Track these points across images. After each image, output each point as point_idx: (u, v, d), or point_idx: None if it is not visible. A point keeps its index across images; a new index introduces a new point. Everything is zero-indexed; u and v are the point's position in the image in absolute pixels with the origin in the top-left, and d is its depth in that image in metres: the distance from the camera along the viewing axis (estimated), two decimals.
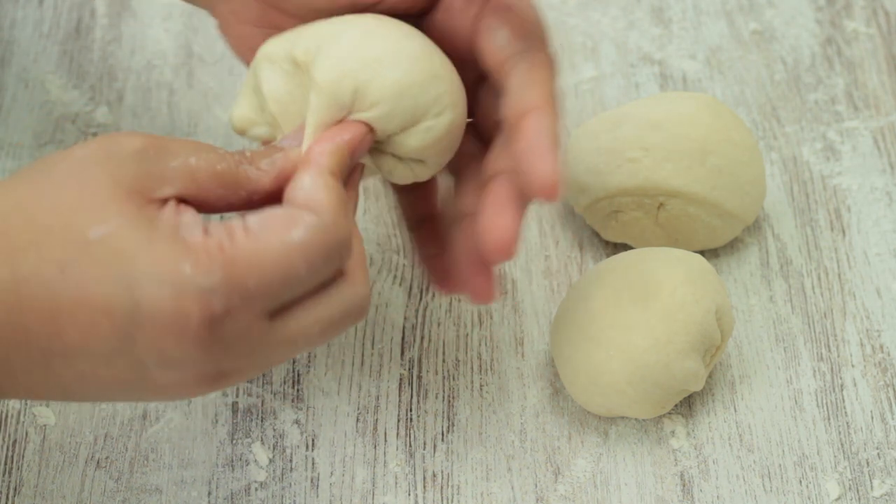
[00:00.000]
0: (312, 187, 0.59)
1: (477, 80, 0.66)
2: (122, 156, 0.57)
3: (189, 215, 0.57)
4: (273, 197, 0.60)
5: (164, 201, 0.57)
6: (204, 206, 0.59)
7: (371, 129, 0.62)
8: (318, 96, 0.62)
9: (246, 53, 0.67)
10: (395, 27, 0.64)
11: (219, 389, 0.59)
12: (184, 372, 0.57)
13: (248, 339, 0.57)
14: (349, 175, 0.63)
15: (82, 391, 0.58)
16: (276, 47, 0.64)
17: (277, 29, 0.66)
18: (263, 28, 0.67)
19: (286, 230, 0.57)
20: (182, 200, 0.58)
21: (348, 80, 0.62)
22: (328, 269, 0.58)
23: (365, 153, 0.63)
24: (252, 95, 0.65)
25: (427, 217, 0.70)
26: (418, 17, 0.66)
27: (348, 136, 0.61)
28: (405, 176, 0.65)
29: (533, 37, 0.64)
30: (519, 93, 0.62)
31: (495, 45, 0.64)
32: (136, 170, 0.57)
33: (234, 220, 0.57)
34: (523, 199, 0.63)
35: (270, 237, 0.56)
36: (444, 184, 0.70)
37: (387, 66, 0.62)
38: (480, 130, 0.68)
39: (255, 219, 0.57)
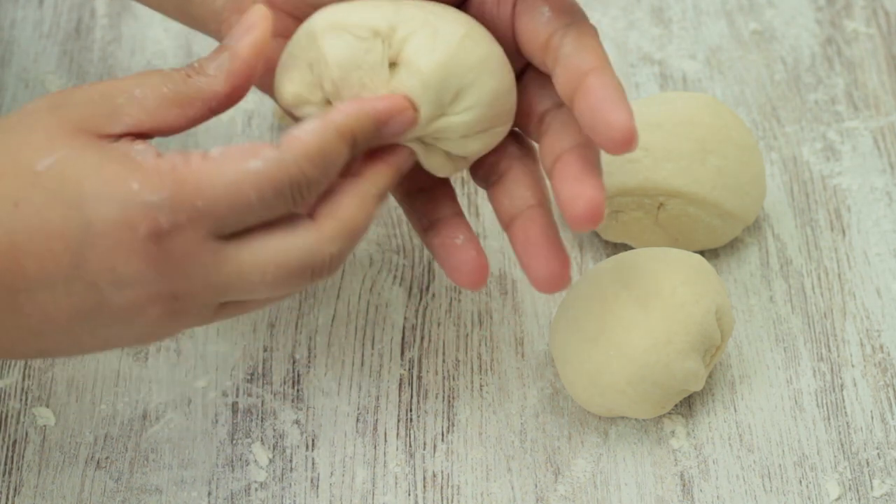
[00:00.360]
0: (304, 131, 0.59)
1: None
2: (70, 103, 0.59)
3: (142, 143, 0.58)
4: (231, 98, 0.61)
5: (118, 137, 0.59)
6: (165, 130, 0.60)
7: (416, 114, 0.62)
8: (426, 90, 0.61)
9: None
10: (479, 26, 0.64)
11: (180, 322, 0.60)
12: (136, 290, 0.58)
13: (198, 260, 0.58)
14: (388, 152, 0.62)
15: (49, 329, 0.59)
16: (347, 16, 0.62)
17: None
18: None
19: (243, 159, 0.58)
20: (140, 135, 0.59)
21: (455, 80, 0.61)
22: (280, 204, 0.59)
23: (406, 135, 0.62)
24: (305, 70, 0.63)
25: (442, 218, 0.69)
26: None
27: (382, 106, 0.61)
28: (445, 169, 0.65)
29: (574, 10, 0.64)
30: (575, 59, 0.62)
31: (539, 23, 0.64)
32: (83, 111, 0.59)
33: (195, 150, 0.58)
34: (598, 167, 0.63)
35: (226, 163, 0.58)
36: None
37: (487, 73, 0.62)
38: (520, 132, 0.67)
39: (218, 149, 0.58)
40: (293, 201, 0.59)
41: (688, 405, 0.73)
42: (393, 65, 0.62)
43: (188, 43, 0.88)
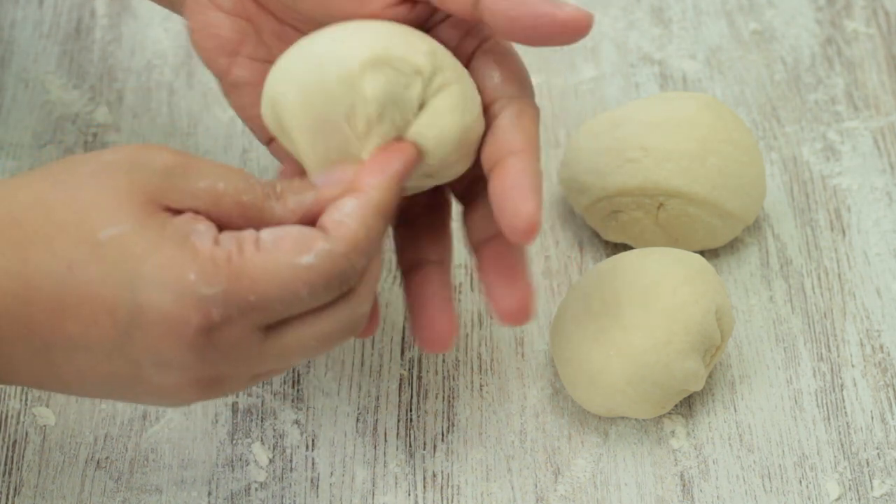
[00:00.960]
0: (348, 216, 0.59)
1: None
2: (150, 167, 0.58)
3: (203, 224, 0.57)
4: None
5: (181, 212, 0.58)
6: (221, 228, 0.59)
7: (420, 155, 0.61)
8: (439, 147, 0.61)
9: (210, 47, 0.67)
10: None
11: (213, 397, 0.60)
12: (178, 375, 0.58)
13: (243, 349, 0.58)
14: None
15: (80, 385, 0.60)
16: (387, 49, 0.60)
17: (251, 22, 0.66)
18: (237, 18, 0.66)
19: (296, 252, 0.57)
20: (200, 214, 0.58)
21: (465, 147, 0.62)
22: (329, 295, 0.58)
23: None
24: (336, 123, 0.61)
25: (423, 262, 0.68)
26: None
27: (400, 165, 0.61)
28: (414, 188, 0.65)
29: (523, 85, 0.64)
30: (504, 135, 0.62)
31: (487, 85, 0.64)
32: (160, 183, 0.58)
33: (247, 232, 0.57)
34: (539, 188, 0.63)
35: (279, 256, 0.57)
36: None
37: (471, 113, 0.62)
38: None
39: (269, 235, 0.58)
40: (339, 291, 0.59)
41: (688, 405, 0.73)
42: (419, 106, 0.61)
43: (188, 43, 0.88)
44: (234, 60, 0.67)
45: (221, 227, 0.58)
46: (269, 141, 0.68)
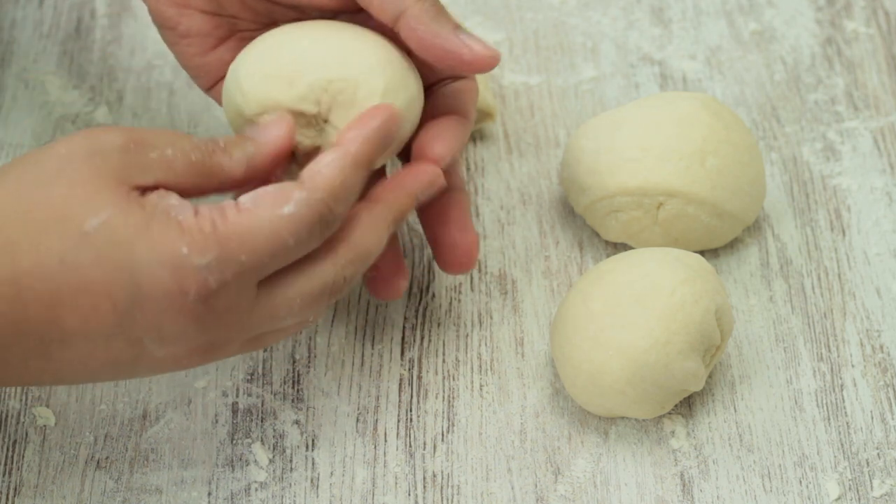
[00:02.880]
0: (325, 166, 0.62)
1: None
2: (106, 150, 0.60)
3: (175, 198, 0.60)
4: (243, 185, 0.63)
5: (146, 188, 0.60)
6: (182, 194, 0.61)
7: (398, 115, 0.66)
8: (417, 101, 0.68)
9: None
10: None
11: (207, 363, 0.63)
12: (179, 346, 0.60)
13: (238, 310, 0.61)
14: (410, 179, 0.67)
15: (78, 374, 0.61)
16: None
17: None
18: None
19: (276, 205, 0.60)
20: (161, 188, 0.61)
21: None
22: (312, 241, 0.62)
23: (397, 141, 0.67)
24: (286, 82, 0.66)
25: None
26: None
27: (377, 122, 0.64)
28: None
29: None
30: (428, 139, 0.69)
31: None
32: (119, 162, 0.60)
33: (226, 200, 0.60)
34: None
35: (261, 212, 0.60)
36: None
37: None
38: None
39: (247, 197, 0.61)
40: (321, 236, 0.62)
41: (688, 405, 0.73)
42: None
43: None
44: (182, 11, 0.70)
45: (180, 191, 0.61)
46: (209, 87, 0.72)
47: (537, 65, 0.87)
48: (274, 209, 0.60)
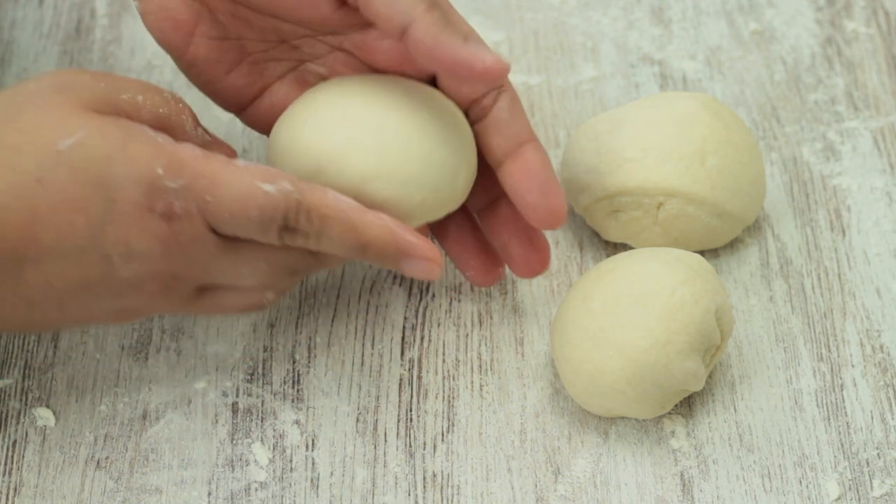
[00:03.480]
0: (333, 199, 0.64)
1: None
2: (76, 85, 0.62)
3: (154, 131, 0.63)
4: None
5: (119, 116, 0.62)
6: None
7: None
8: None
9: (166, 28, 0.70)
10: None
11: (165, 298, 0.64)
12: (143, 265, 0.62)
13: (198, 247, 0.63)
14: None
15: (45, 299, 0.63)
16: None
17: (204, 3, 0.70)
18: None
19: (261, 178, 0.62)
20: None
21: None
22: (271, 234, 0.63)
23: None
24: None
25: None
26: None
27: (394, 250, 0.66)
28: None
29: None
30: (508, 127, 0.69)
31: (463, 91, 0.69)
32: (90, 95, 0.62)
33: (220, 153, 0.64)
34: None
35: (244, 175, 0.62)
36: None
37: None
38: None
39: (244, 161, 0.63)
40: (279, 236, 0.63)
41: (688, 405, 0.73)
42: None
43: None
44: (190, 40, 0.70)
45: None
46: (236, 112, 0.73)
47: (537, 65, 0.87)
48: (255, 179, 0.62)
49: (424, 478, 0.70)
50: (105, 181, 0.61)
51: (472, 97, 0.69)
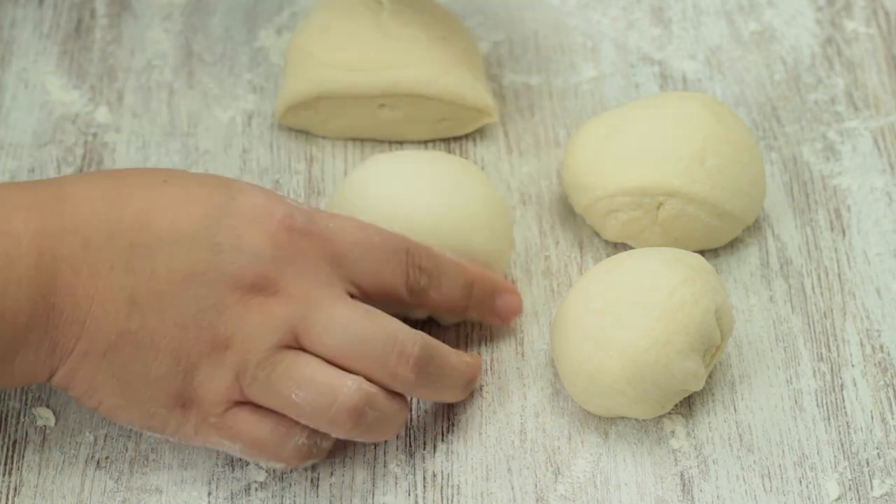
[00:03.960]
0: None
1: None
2: None
3: None
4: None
5: None
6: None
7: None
8: None
9: None
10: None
11: (264, 308, 0.65)
12: (248, 262, 0.64)
13: (310, 263, 0.66)
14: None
15: (148, 295, 0.64)
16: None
17: None
18: None
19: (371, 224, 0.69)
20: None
21: None
22: (396, 266, 0.68)
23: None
24: None
25: None
26: None
27: (503, 286, 0.75)
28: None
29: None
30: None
31: None
32: None
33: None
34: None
35: (351, 221, 0.68)
36: None
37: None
38: None
39: None
40: (406, 275, 0.68)
41: (688, 405, 0.73)
42: None
43: (188, 43, 0.88)
44: None
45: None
46: None
47: (537, 65, 0.87)
48: (368, 224, 0.69)
49: (424, 478, 0.70)
50: (228, 188, 0.66)
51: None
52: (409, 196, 0.71)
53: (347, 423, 0.65)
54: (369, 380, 0.65)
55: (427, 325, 0.75)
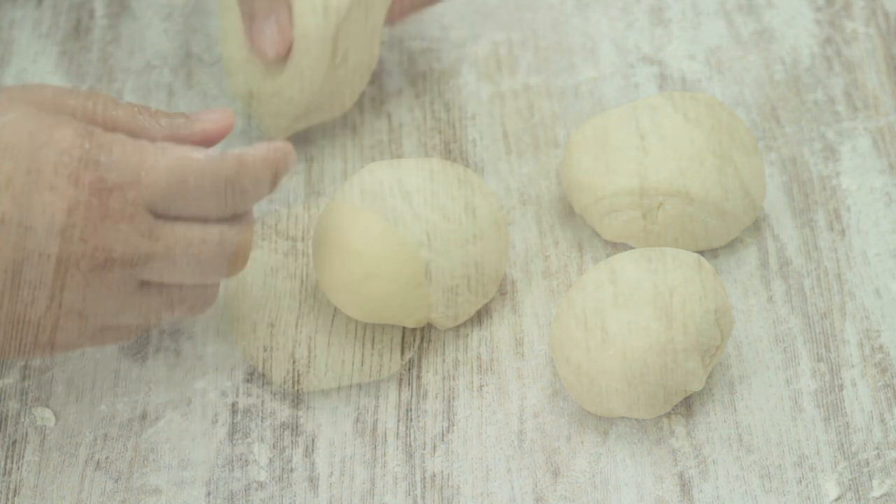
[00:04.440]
0: (249, 147, 0.66)
1: None
2: (29, 96, 0.63)
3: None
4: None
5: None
6: None
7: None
8: None
9: None
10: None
11: (112, 289, 0.63)
12: (71, 242, 0.61)
13: (133, 224, 0.63)
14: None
15: None
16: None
17: None
18: None
19: (188, 150, 0.64)
20: None
21: None
22: (212, 198, 0.64)
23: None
24: None
25: None
26: None
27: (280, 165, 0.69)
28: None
29: None
30: None
31: None
32: (40, 96, 0.64)
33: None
34: None
35: (172, 149, 0.64)
36: None
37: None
38: None
39: (170, 143, 0.65)
40: (223, 202, 0.65)
41: (688, 405, 0.73)
42: None
43: (187, 43, 0.88)
44: None
45: None
46: None
47: (537, 65, 0.87)
48: (185, 151, 0.64)
49: (424, 478, 0.70)
50: (30, 154, 0.61)
51: None
52: (406, 204, 0.71)
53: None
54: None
55: (426, 328, 0.75)
